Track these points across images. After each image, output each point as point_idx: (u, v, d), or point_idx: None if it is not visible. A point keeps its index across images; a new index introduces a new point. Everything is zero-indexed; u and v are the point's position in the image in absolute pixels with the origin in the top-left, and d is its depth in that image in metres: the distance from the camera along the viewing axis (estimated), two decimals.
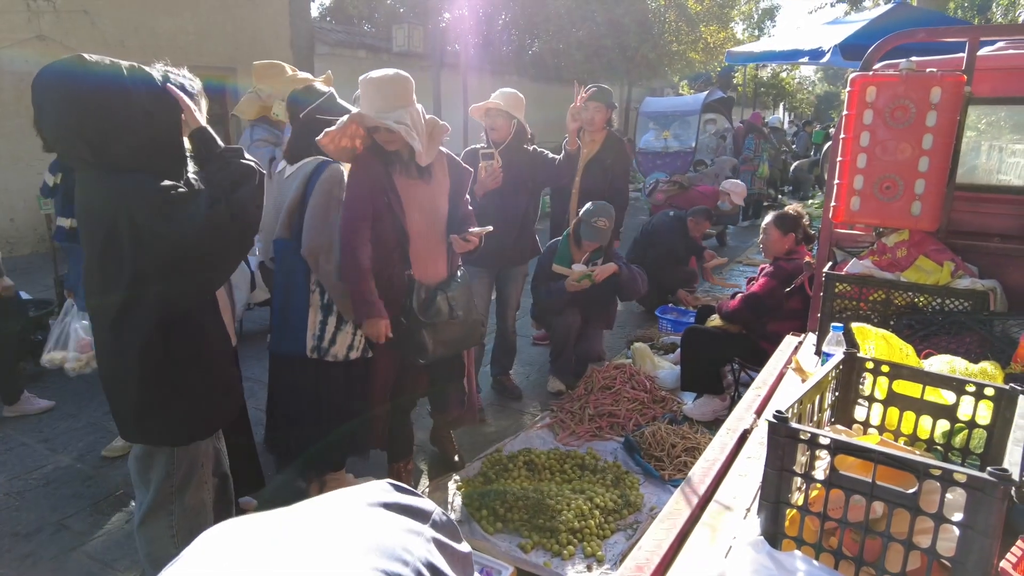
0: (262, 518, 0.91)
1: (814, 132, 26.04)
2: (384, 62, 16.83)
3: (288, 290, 4.00)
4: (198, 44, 11.70)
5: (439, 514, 1.04)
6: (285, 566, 0.80)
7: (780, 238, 5.54)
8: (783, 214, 5.62)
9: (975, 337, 3.05)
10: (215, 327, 2.97)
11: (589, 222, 5.86)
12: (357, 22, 24.75)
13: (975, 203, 3.81)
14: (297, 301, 3.95)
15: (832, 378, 2.23)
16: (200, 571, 0.82)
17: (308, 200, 3.86)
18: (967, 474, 1.47)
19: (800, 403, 1.93)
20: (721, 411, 5.57)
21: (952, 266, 3.42)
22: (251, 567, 0.80)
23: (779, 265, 5.43)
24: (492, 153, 5.16)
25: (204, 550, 0.86)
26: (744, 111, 26.59)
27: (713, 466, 2.49)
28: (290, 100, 4.21)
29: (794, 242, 5.53)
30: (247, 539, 0.86)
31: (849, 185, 3.45)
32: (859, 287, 3.41)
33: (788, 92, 41.46)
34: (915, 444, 2.20)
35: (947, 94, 3.17)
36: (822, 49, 10.04)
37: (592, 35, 20.66)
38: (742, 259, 12.34)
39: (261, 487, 4.00)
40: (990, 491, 1.44)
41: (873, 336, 2.52)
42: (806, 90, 48.99)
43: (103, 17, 10.67)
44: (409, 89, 3.76)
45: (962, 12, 19.93)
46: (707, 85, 29.97)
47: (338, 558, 0.82)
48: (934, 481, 1.52)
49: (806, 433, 1.69)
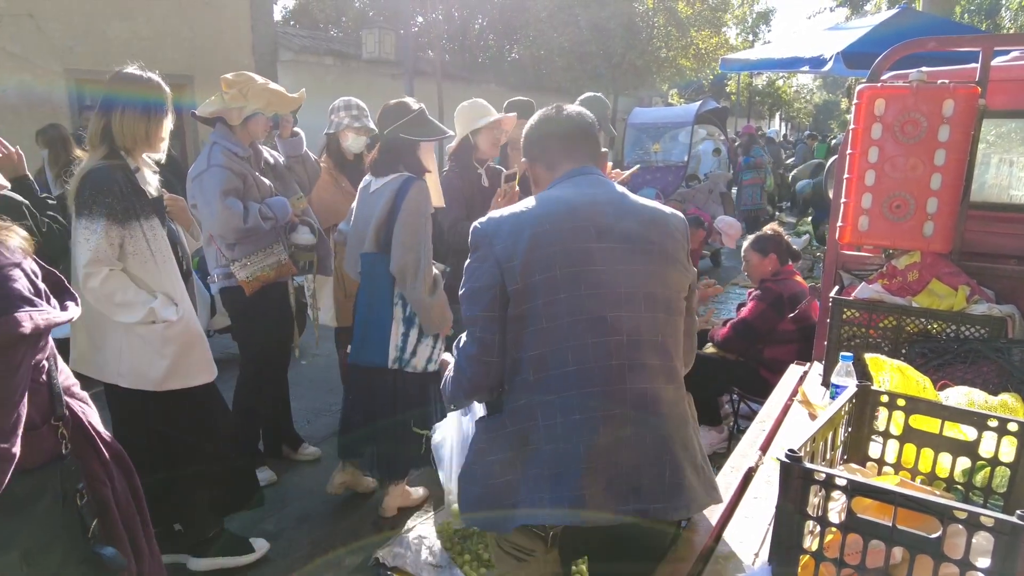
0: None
1: (816, 146, 26.18)
2: (353, 69, 16.87)
3: (372, 303, 4.37)
4: (153, 50, 11.57)
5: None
6: None
7: (760, 261, 5.62)
8: (759, 237, 5.72)
9: (993, 366, 3.07)
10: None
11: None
12: (323, 27, 24.83)
13: (990, 222, 3.80)
14: (381, 314, 4.32)
15: (845, 413, 2.23)
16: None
17: (397, 216, 4.17)
18: (995, 517, 1.48)
19: (813, 440, 1.93)
20: (719, 444, 5.58)
21: (967, 290, 3.44)
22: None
23: (766, 287, 5.48)
24: (515, 174, 5.11)
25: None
26: (738, 121, 26.76)
27: (718, 508, 2.49)
28: (381, 114, 4.42)
29: (777, 262, 5.59)
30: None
31: (856, 204, 3.48)
32: (868, 313, 3.42)
33: (785, 101, 41.71)
34: (934, 483, 2.21)
35: (960, 107, 3.20)
36: (823, 57, 10.09)
37: (575, 40, 20.73)
38: (738, 281, 12.36)
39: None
40: (1020, 536, 1.45)
41: (888, 368, 2.53)
42: (804, 99, 49.26)
43: (50, 21, 10.61)
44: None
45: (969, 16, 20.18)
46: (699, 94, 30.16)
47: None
48: (959, 525, 1.52)
49: (821, 473, 1.70)
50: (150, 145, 3.69)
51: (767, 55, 12.20)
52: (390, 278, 4.26)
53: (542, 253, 2.27)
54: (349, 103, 5.48)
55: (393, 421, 4.41)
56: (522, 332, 2.31)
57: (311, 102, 4.17)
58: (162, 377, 3.70)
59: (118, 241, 3.55)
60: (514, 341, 2.33)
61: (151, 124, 3.64)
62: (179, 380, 3.77)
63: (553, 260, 2.27)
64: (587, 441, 2.21)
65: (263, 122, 4.81)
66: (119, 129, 3.59)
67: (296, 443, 5.62)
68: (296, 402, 5.87)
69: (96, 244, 3.46)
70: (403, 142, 4.32)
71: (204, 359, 3.91)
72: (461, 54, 24.03)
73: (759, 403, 3.98)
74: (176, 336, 3.71)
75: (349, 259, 4.65)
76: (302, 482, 5.25)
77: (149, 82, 3.69)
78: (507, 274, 2.29)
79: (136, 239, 3.59)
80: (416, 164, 4.37)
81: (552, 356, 2.27)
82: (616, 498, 2.20)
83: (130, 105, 3.60)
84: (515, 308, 2.30)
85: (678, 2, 23.51)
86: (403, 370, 4.36)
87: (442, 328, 4.42)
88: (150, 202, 3.70)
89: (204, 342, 3.93)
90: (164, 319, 3.64)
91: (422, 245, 4.20)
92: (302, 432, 5.86)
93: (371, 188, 4.42)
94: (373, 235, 4.29)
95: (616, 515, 2.19)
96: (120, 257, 3.58)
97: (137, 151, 3.67)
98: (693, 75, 26.56)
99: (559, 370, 2.26)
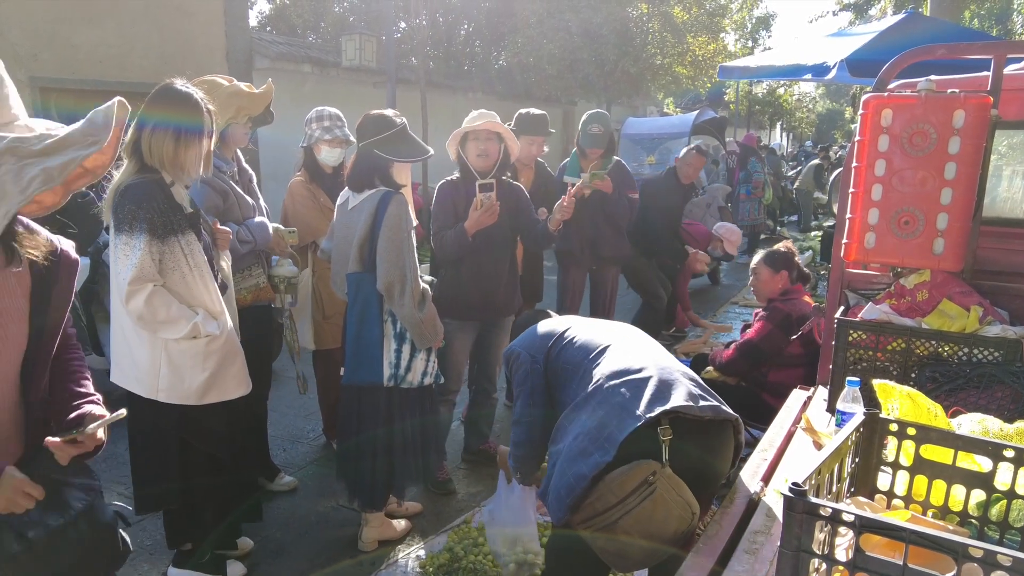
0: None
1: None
2: (332, 77, 16.85)
3: (362, 322, 4.43)
4: (121, 58, 11.56)
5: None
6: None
7: (771, 277, 5.62)
8: (772, 252, 5.72)
9: (1007, 392, 3.05)
10: None
11: (586, 130, 6.89)
12: (301, 32, 24.83)
13: (1004, 239, 3.79)
14: (372, 332, 4.40)
15: (852, 442, 2.22)
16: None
17: (378, 232, 4.29)
18: (1013, 556, 1.46)
19: (819, 472, 1.91)
20: None
21: (980, 311, 3.42)
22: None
23: (775, 307, 5.48)
24: (492, 184, 5.11)
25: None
26: (737, 131, 26.79)
27: (717, 542, 2.47)
28: (359, 125, 4.48)
29: (788, 281, 5.59)
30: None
31: (863, 220, 3.46)
32: (875, 335, 3.41)
33: (786, 110, 41.78)
34: (947, 517, 2.19)
35: (971, 117, 3.19)
36: (827, 64, 10.14)
37: (566, 47, 20.70)
38: (737, 299, 12.39)
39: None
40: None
41: (897, 394, 2.52)
42: (806, 108, 49.37)
43: (13, 27, 10.55)
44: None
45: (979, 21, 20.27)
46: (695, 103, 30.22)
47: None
48: (974, 563, 1.51)
49: (827, 508, 1.68)
50: (179, 167, 3.68)
51: (767, 62, 12.26)
52: (378, 296, 4.36)
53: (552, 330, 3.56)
54: (322, 113, 5.48)
55: (388, 442, 4.50)
56: (565, 352, 3.41)
57: (288, 112, 4.17)
58: (202, 390, 3.83)
59: (158, 257, 3.62)
60: (564, 361, 3.43)
61: (179, 146, 3.63)
62: (217, 393, 3.91)
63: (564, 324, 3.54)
64: (650, 363, 3.13)
65: (241, 129, 4.84)
66: (147, 148, 3.61)
67: (272, 472, 5.57)
68: (271, 428, 5.83)
69: (139, 260, 3.55)
70: (376, 158, 4.38)
71: (242, 372, 4.06)
72: (446, 61, 24.00)
73: (761, 430, 3.96)
74: (217, 350, 3.86)
75: (335, 279, 4.70)
76: (279, 513, 5.20)
77: (186, 101, 3.69)
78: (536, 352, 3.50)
79: (175, 254, 3.68)
80: (390, 181, 4.43)
81: (591, 341, 3.38)
82: (693, 395, 2.97)
83: (161, 125, 3.61)
84: (556, 347, 3.47)
85: (674, 7, 23.48)
86: (399, 387, 4.45)
87: (434, 341, 4.52)
88: (186, 217, 3.76)
89: (242, 355, 4.08)
90: (207, 333, 3.77)
91: (406, 260, 4.30)
92: (278, 460, 5.83)
93: (349, 205, 4.49)
94: (356, 253, 4.38)
95: (700, 407, 2.92)
96: (161, 272, 3.65)
97: (167, 170, 3.68)
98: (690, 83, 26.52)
99: (598, 346, 3.34)
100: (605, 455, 2.83)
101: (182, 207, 3.75)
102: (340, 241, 4.53)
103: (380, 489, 4.61)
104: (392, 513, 4.93)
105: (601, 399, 3.04)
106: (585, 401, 3.11)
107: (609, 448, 2.83)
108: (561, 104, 24.38)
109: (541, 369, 3.45)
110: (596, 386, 3.11)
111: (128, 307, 3.59)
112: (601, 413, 2.97)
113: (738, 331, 6.58)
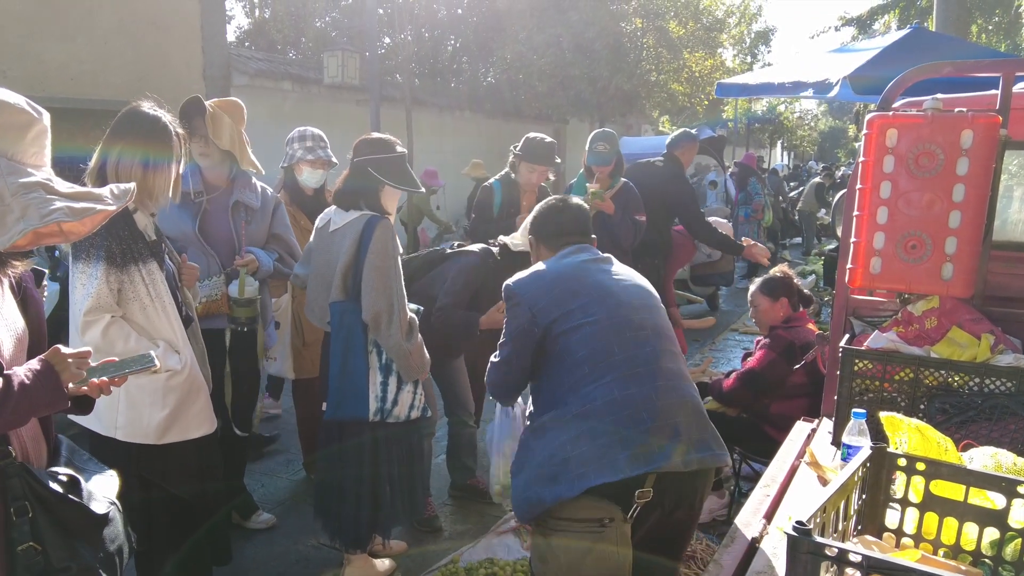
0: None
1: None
2: (314, 95, 16.87)
3: (347, 353, 4.38)
4: (94, 75, 11.52)
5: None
6: None
7: (771, 306, 5.62)
8: (768, 280, 5.72)
9: (1021, 424, 3.05)
10: None
11: (592, 148, 6.96)
12: (281, 48, 24.86)
13: (1016, 264, 3.78)
14: (356, 364, 4.36)
15: (859, 478, 2.21)
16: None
17: (363, 259, 4.25)
18: None
19: (824, 510, 1.91)
20: (719, 510, 5.55)
21: (991, 339, 3.41)
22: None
23: (777, 335, 5.47)
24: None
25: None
26: (736, 151, 26.87)
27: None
28: (357, 144, 4.48)
29: (789, 307, 5.59)
30: None
31: (868, 244, 3.46)
32: (882, 364, 3.39)
33: (787, 128, 41.89)
34: (959, 556, 2.18)
35: (980, 137, 3.19)
36: (829, 81, 10.16)
37: (557, 63, 20.74)
38: (737, 326, 12.40)
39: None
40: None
41: (905, 427, 2.51)
42: (808, 126, 49.49)
43: None
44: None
45: (987, 37, 20.36)
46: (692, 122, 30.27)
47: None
48: None
49: (833, 548, 1.68)
50: (147, 194, 3.65)
51: (767, 79, 12.27)
52: (363, 326, 4.32)
53: (568, 288, 3.36)
54: (304, 133, 5.49)
55: (374, 479, 4.46)
56: (570, 340, 3.26)
57: (267, 131, 4.20)
58: (161, 429, 3.73)
59: (116, 286, 3.59)
60: (564, 349, 3.28)
61: (147, 173, 3.61)
62: (178, 432, 3.79)
63: (581, 289, 3.36)
64: (648, 407, 3.11)
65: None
66: (113, 174, 3.57)
67: (249, 510, 5.51)
68: (248, 463, 5.78)
69: (96, 289, 3.52)
70: (367, 176, 4.32)
71: (206, 410, 3.94)
72: (432, 78, 24.06)
73: (763, 464, 3.95)
74: (178, 385, 3.75)
75: (311, 306, 4.67)
76: (256, 553, 5.17)
77: (154, 127, 3.66)
78: (539, 315, 3.33)
79: (135, 284, 3.64)
80: (376, 205, 4.40)
81: (601, 350, 3.21)
82: (686, 446, 3.10)
83: (127, 152, 3.59)
84: (562, 325, 3.28)
85: (669, 21, 23.54)
86: (384, 421, 4.41)
87: (421, 373, 4.49)
88: (147, 245, 3.72)
89: (206, 392, 3.96)
90: (168, 368, 3.66)
91: (394, 288, 4.26)
92: (255, 496, 5.77)
93: (331, 227, 4.45)
94: (340, 281, 4.33)
95: (686, 461, 3.07)
96: (119, 303, 3.62)
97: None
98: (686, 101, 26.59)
99: (606, 359, 3.19)
100: (569, 491, 3.04)
101: (144, 235, 3.72)
102: (320, 266, 4.50)
103: (364, 528, 4.54)
104: (375, 552, 4.87)
105: (589, 428, 3.12)
106: (574, 420, 3.18)
107: (576, 487, 3.03)
108: (552, 122, 24.40)
109: (538, 334, 3.35)
110: (589, 409, 3.16)
111: (84, 339, 3.53)
112: (584, 447, 3.08)
113: (738, 360, 6.57)
